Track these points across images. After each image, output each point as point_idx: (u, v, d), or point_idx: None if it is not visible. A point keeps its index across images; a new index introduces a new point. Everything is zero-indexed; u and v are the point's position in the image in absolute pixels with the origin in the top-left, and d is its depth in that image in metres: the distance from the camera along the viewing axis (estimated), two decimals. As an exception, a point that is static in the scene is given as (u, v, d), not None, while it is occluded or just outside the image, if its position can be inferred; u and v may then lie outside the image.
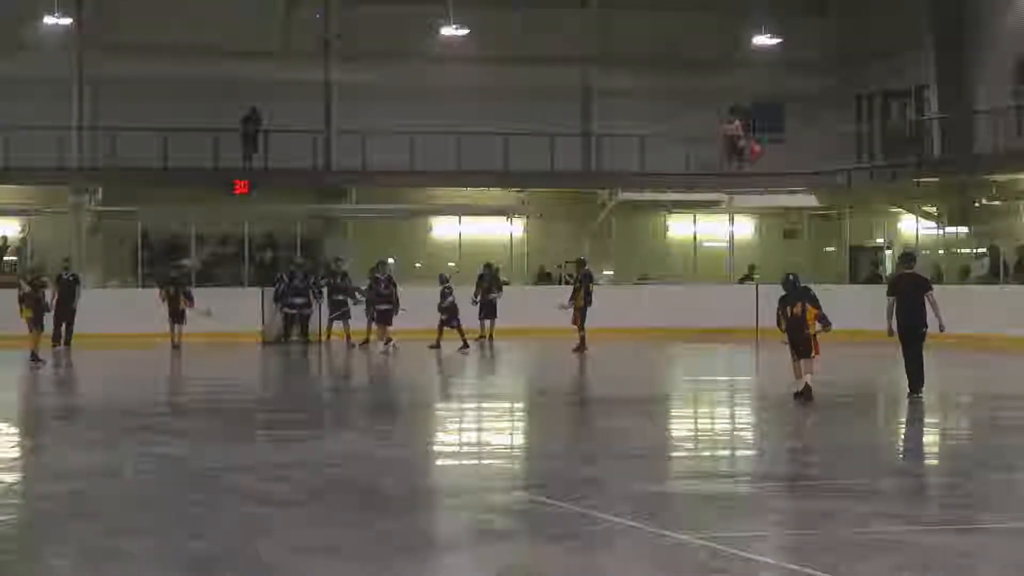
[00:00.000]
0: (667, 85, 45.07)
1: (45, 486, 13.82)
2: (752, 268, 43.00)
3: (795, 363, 21.21)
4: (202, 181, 41.13)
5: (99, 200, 41.42)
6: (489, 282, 38.39)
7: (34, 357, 30.17)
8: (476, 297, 37.86)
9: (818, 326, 21.05)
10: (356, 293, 36.22)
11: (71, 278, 35.71)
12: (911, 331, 21.62)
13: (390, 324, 34.57)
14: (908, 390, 21.79)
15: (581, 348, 33.73)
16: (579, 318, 34.28)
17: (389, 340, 33.99)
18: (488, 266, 38.96)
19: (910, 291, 21.68)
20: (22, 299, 30.98)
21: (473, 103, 43.55)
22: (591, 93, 46.60)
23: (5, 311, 31.99)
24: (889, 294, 21.98)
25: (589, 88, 46.59)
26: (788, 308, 21.18)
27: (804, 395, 20.84)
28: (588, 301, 34.41)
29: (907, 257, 23.23)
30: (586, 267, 35.41)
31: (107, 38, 42.72)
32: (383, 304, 34.83)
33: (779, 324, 21.48)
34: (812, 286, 22.36)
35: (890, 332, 21.77)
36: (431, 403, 23.67)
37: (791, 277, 21.70)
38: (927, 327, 21.65)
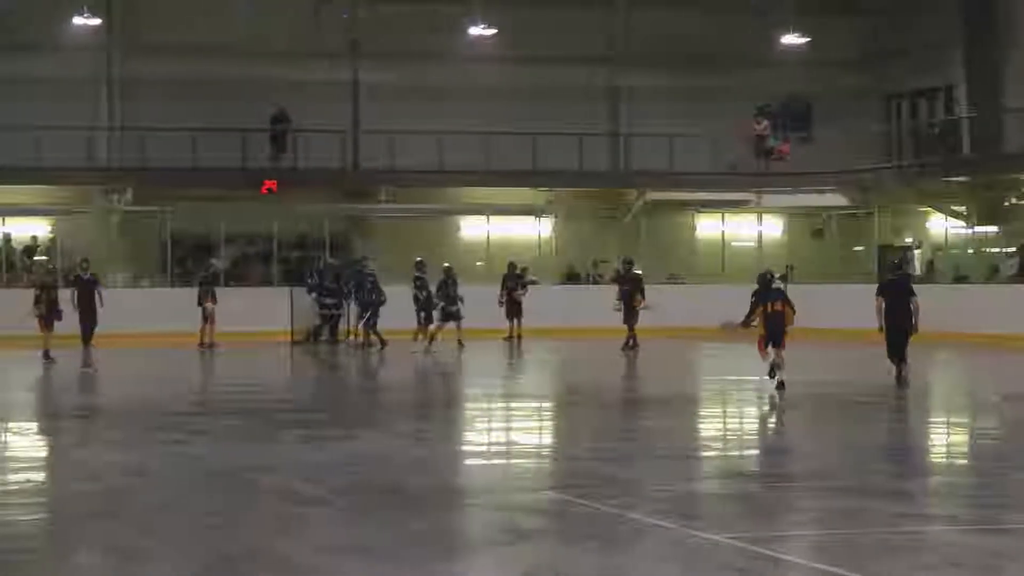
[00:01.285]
0: (695, 84, 45.05)
1: (73, 485, 13.84)
2: (790, 269, 42.85)
3: (774, 353, 22.63)
4: (231, 181, 41.20)
5: (128, 200, 41.52)
6: (514, 281, 38.40)
7: (46, 355, 30.37)
8: (502, 297, 37.86)
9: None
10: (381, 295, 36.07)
11: (90, 278, 35.76)
12: (895, 330, 23.44)
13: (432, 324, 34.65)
14: (895, 378, 23.28)
15: (634, 346, 33.91)
16: (633, 317, 34.49)
17: (432, 339, 34.14)
18: (513, 265, 38.98)
19: (896, 294, 23.50)
20: (36, 299, 31.27)
21: (501, 103, 43.57)
22: (619, 92, 46.61)
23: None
24: (878, 295, 23.72)
25: (617, 87, 46.59)
26: (769, 304, 22.74)
27: (773, 375, 22.60)
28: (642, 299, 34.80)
29: (895, 264, 25.15)
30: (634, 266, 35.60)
31: (136, 38, 42.86)
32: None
33: (748, 317, 23.32)
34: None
35: (880, 329, 23.57)
36: (461, 402, 23.67)
37: (768, 276, 23.46)
38: (912, 327, 23.41)
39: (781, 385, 22.43)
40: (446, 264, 36.04)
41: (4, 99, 40.59)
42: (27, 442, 18.54)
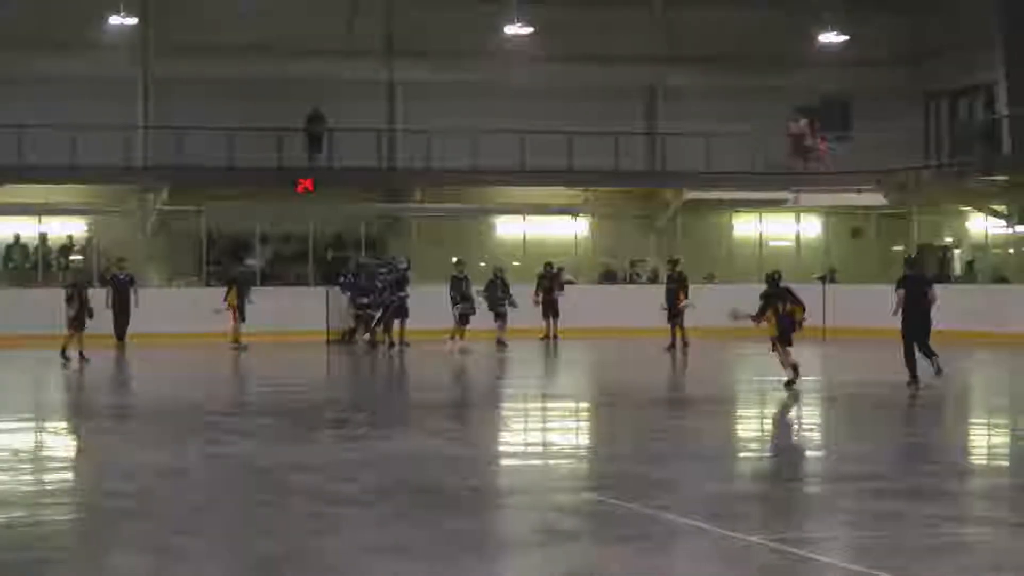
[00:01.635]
0: (733, 83, 44.97)
1: (110, 484, 13.87)
2: (833, 271, 42.74)
3: (782, 354, 23.37)
4: (266, 180, 41.27)
5: (164, 199, 41.63)
6: (551, 281, 38.39)
7: (78, 356, 30.47)
8: (537, 297, 37.85)
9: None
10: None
11: (126, 278, 35.89)
12: (913, 329, 23.31)
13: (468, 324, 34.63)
14: (907, 380, 23.10)
15: (684, 345, 33.84)
16: (678, 317, 34.45)
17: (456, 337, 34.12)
18: (549, 265, 38.97)
19: (914, 291, 23.47)
20: (68, 298, 31.29)
21: (537, 101, 43.55)
22: (656, 91, 46.57)
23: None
24: (897, 289, 23.66)
25: (654, 86, 46.55)
26: (780, 305, 23.54)
27: (794, 381, 23.02)
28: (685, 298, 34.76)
29: (911, 260, 25.23)
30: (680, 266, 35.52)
31: (172, 38, 42.94)
32: (466, 304, 34.74)
33: (760, 315, 23.74)
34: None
35: (895, 312, 23.48)
36: (497, 402, 23.67)
37: (776, 276, 24.15)
38: (930, 325, 23.44)
39: (790, 384, 22.99)
40: (497, 265, 36.23)
41: (40, 99, 40.72)
42: (61, 442, 18.61)
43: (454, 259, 35.92)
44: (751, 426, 20.49)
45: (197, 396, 23.99)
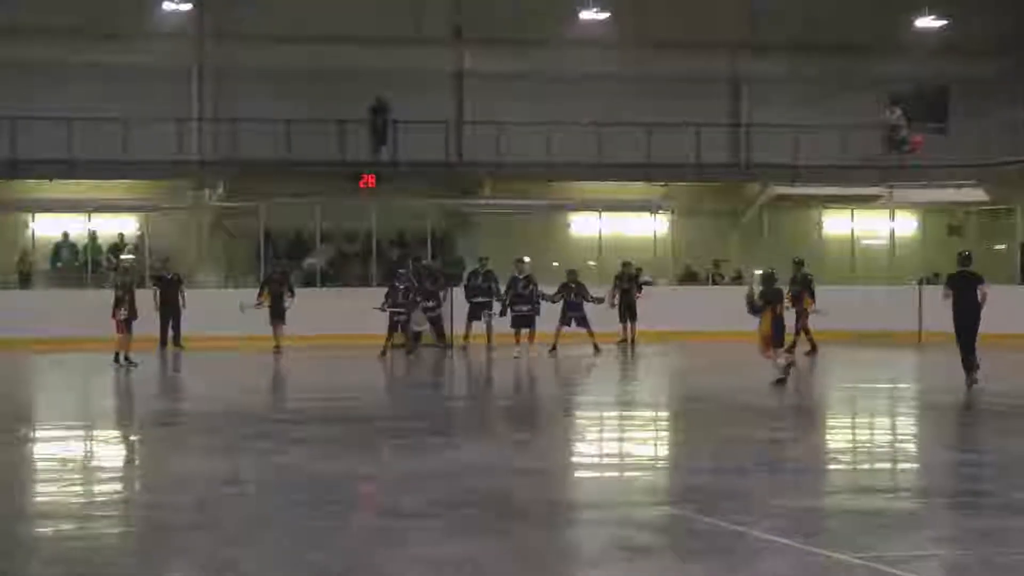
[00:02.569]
0: (822, 71, 44.81)
1: (161, 495, 13.96)
2: (936, 275, 42.43)
3: (775, 355, 24.95)
4: (327, 175, 41.50)
5: (220, 195, 41.89)
6: (628, 282, 38.32)
7: (118, 359, 30.69)
8: (614, 299, 37.78)
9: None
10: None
11: (173, 277, 36.18)
12: (964, 326, 24.17)
13: (527, 327, 34.57)
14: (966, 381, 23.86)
15: (812, 349, 33.74)
16: (802, 320, 34.26)
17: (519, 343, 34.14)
18: (627, 264, 38.91)
19: (964, 288, 24.21)
20: (118, 301, 31.36)
21: (614, 91, 43.57)
22: (740, 80, 46.46)
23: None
24: (946, 287, 24.70)
25: (737, 75, 46.43)
26: (777, 307, 25.01)
27: (783, 380, 24.68)
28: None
29: (963, 257, 25.29)
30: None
31: (229, 25, 43.25)
32: (522, 306, 34.75)
33: (758, 311, 25.03)
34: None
35: (945, 296, 24.50)
36: (570, 410, 23.66)
37: (772, 275, 25.95)
38: (978, 325, 24.14)
39: (781, 382, 24.53)
40: (570, 268, 36.30)
41: (91, 90, 41.09)
42: (112, 451, 18.75)
43: (524, 257, 35.85)
44: (842, 435, 20.39)
45: (254, 402, 24.12)
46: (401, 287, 35.01)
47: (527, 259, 36.30)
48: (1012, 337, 23.71)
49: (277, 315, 35.88)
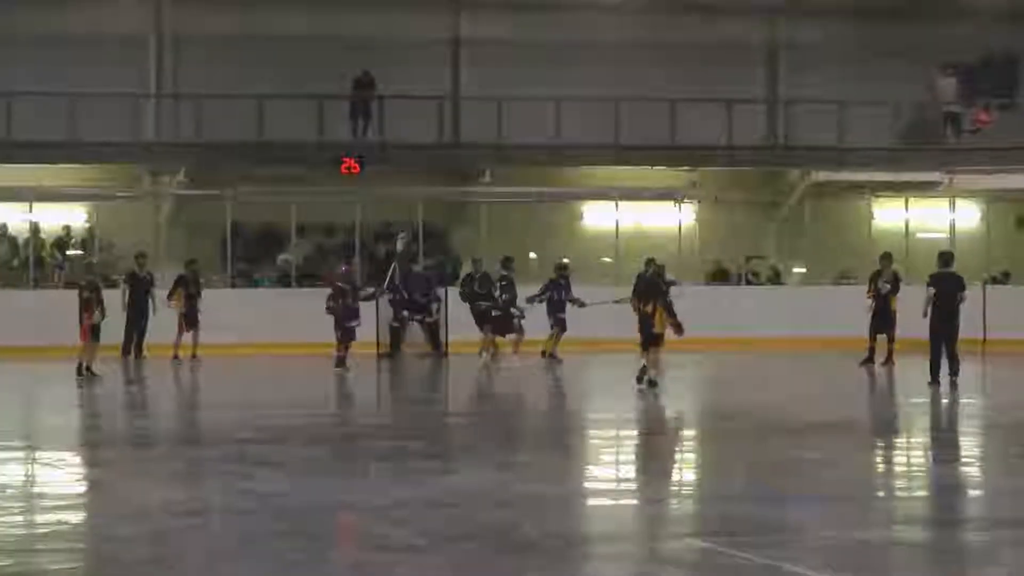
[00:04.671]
0: (872, 40, 44.79)
1: (118, 527, 14.01)
2: (1007, 274, 42.55)
3: (643, 354, 27.17)
4: (304, 158, 41.51)
5: (181, 182, 41.94)
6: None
7: (85, 370, 30.65)
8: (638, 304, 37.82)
9: (671, 333, 27.62)
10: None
11: (146, 276, 36.24)
12: (941, 328, 27.23)
13: (503, 334, 34.94)
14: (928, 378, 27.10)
15: (888, 358, 33.83)
16: (889, 324, 34.36)
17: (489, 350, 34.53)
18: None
19: (946, 290, 27.10)
20: (86, 304, 31.23)
21: (633, 63, 43.60)
22: (777, 50, 46.49)
23: (66, 316, 32.27)
24: (929, 286, 27.51)
25: (775, 44, 46.46)
26: (640, 304, 27.48)
27: (653, 383, 27.18)
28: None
29: (945, 256, 28.00)
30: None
31: (191, -13, 43.29)
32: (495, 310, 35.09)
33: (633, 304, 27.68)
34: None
35: (924, 314, 27.59)
36: (582, 429, 23.71)
37: (649, 272, 28.93)
38: (959, 324, 27.40)
39: (652, 383, 27.13)
40: (557, 263, 36.44)
41: (33, 62, 41.16)
42: (62, 475, 18.77)
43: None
44: (890, 458, 20.44)
45: (223, 419, 24.17)
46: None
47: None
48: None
49: (191, 320, 36.02)
